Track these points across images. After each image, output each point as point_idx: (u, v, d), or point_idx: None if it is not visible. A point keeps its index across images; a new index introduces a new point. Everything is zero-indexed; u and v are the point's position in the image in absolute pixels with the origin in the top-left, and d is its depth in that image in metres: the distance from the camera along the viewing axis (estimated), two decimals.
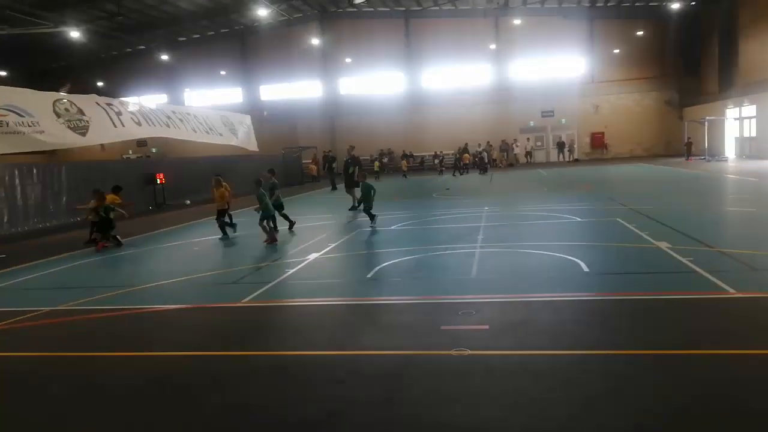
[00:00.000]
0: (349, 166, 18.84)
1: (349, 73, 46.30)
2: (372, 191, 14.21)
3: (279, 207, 14.09)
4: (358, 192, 18.08)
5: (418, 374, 4.96)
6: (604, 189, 20.09)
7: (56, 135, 12.88)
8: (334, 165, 30.44)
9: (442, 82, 45.19)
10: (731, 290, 6.66)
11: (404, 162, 38.42)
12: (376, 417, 4.21)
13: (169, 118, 18.23)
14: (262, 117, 43.49)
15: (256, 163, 31.80)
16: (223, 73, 47.92)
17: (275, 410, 4.47)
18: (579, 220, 13.13)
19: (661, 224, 11.53)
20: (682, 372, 4.65)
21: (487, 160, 36.52)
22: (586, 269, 8.24)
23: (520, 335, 5.71)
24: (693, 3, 39.80)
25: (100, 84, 46.91)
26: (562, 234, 11.58)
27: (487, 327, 6.00)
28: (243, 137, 22.52)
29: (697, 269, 7.68)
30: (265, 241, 12.52)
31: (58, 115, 13.08)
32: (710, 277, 7.26)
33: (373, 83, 46.17)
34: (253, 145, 22.45)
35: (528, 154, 43.42)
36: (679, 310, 6.26)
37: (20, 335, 7.04)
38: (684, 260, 8.25)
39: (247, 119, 26.73)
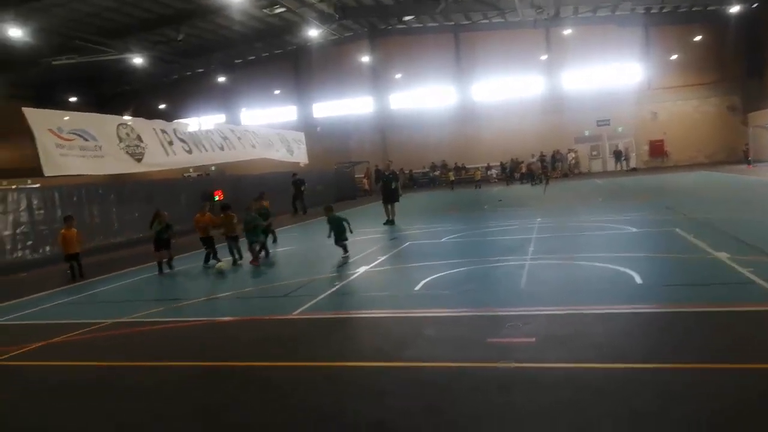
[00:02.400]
0: (391, 181, 18.85)
1: (400, 88, 46.67)
2: (345, 223, 12.31)
3: (265, 232, 13.94)
4: (397, 206, 18.39)
5: (462, 386, 4.99)
6: (661, 198, 19.47)
7: (115, 159, 13.66)
8: (303, 188, 26.89)
9: (493, 93, 44.91)
10: None
11: (450, 173, 38.41)
12: (418, 427, 4.27)
13: (225, 138, 18.91)
14: (315, 133, 44.38)
15: (313, 177, 32.60)
16: (277, 92, 49.19)
17: (321, 419, 4.59)
18: (634, 230, 12.79)
19: (721, 233, 11.12)
20: (732, 387, 4.50)
21: (543, 171, 35.94)
22: (639, 281, 8.05)
23: (568, 348, 5.65)
24: (754, 5, 38.25)
25: (161, 106, 49.02)
26: (615, 245, 11.33)
27: (533, 340, 5.96)
28: (297, 153, 23.25)
29: (757, 280, 7.38)
30: (251, 262, 12.67)
31: (120, 139, 13.86)
32: None
33: (423, 97, 46.36)
34: (304, 160, 23.23)
35: (574, 164, 42.33)
36: (735, 323, 6.04)
37: (89, 345, 7.46)
38: (744, 271, 7.93)
39: (301, 136, 27.46)
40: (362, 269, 10.85)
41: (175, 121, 22.22)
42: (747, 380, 4.61)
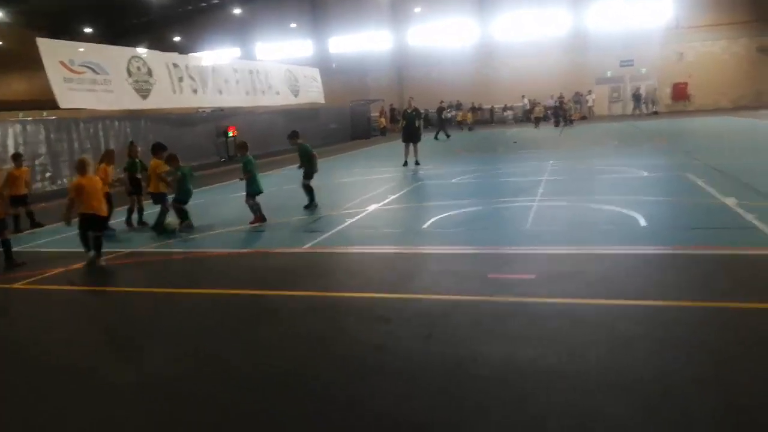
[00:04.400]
0: (414, 119, 18.18)
1: (419, 23, 45.55)
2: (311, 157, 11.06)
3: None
4: (419, 147, 17.88)
5: (460, 316, 5.25)
6: (679, 143, 19.25)
7: (122, 94, 13.78)
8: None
9: (515, 30, 43.62)
10: None
11: (468, 114, 37.90)
12: (416, 351, 4.55)
13: (226, 81, 18.84)
14: (331, 69, 43.82)
15: (329, 115, 32.40)
16: (293, 25, 48.29)
17: (327, 342, 4.90)
18: (645, 174, 12.77)
19: (731, 179, 11.09)
20: (723, 324, 4.70)
21: (563, 113, 35.31)
22: (643, 224, 8.16)
23: (566, 285, 5.86)
24: None
25: (177, 39, 48.49)
26: (624, 188, 11.38)
27: (534, 276, 6.17)
28: (307, 92, 23.06)
29: (760, 225, 7.46)
30: (251, 222, 10.05)
31: (130, 74, 13.92)
32: None
33: (442, 33, 45.26)
34: (320, 98, 22.95)
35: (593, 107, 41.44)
36: (733, 265, 6.19)
37: (106, 272, 7.86)
38: (748, 216, 7.99)
39: (316, 73, 27.20)
40: (372, 207, 11.06)
41: (190, 54, 22.14)
42: (741, 318, 4.79)
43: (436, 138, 29.00)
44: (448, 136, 29.96)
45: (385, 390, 3.97)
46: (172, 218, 9.92)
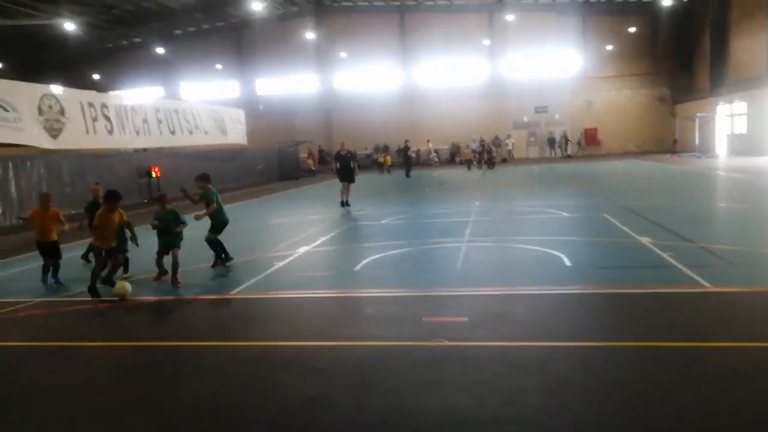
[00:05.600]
0: (349, 161, 18.21)
1: (345, 68, 46.34)
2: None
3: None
4: (352, 188, 17.92)
5: (396, 363, 5.12)
6: (593, 185, 20.30)
7: (31, 133, 13.05)
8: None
9: (437, 77, 45.31)
10: (707, 284, 6.84)
11: (385, 156, 38.47)
12: (350, 403, 4.37)
13: (145, 121, 18.25)
14: (258, 111, 43.59)
15: (258, 156, 31.91)
16: (219, 66, 47.87)
17: (256, 396, 4.62)
18: (566, 215, 13.30)
19: (645, 220, 11.72)
20: (649, 362, 4.83)
21: (488, 156, 36.40)
22: (568, 263, 8.41)
23: (498, 327, 5.88)
24: (686, 0, 39.95)
25: (96, 77, 46.85)
26: (547, 229, 11.77)
27: (466, 319, 6.16)
28: (233, 133, 22.70)
29: (676, 264, 7.85)
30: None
31: (41, 112, 13.21)
32: (688, 271, 7.44)
33: (368, 78, 46.25)
34: (242, 140, 22.62)
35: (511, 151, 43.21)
36: (654, 304, 6.43)
37: (7, 323, 7.18)
38: (664, 255, 8.42)
39: (240, 114, 26.89)
40: (302, 249, 10.84)
41: (108, 93, 21.34)
42: (659, 355, 4.94)
43: (407, 175, 31.04)
44: (407, 175, 31.20)
45: None
46: (127, 283, 8.02)
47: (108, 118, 16.32)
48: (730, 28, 36.84)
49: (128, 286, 7.91)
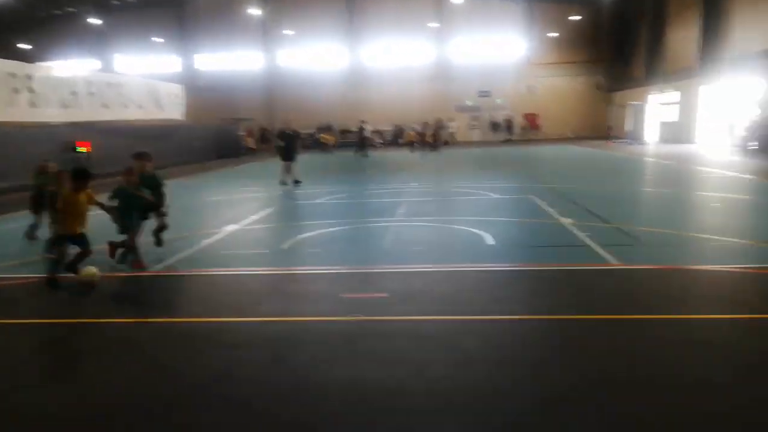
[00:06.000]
0: (293, 140, 17.80)
1: (291, 45, 45.61)
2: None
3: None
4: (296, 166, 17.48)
5: (310, 338, 5.19)
6: (527, 168, 20.84)
7: None
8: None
9: (384, 58, 45.24)
10: (615, 262, 7.19)
11: (327, 136, 38.30)
12: (263, 378, 4.41)
13: (74, 94, 17.51)
14: (197, 87, 42.41)
15: (196, 133, 31.04)
16: (158, 40, 46.21)
17: (171, 371, 4.60)
18: (496, 197, 13.64)
19: (570, 202, 12.15)
20: (553, 334, 5.07)
21: (426, 138, 36.69)
22: (490, 242, 8.65)
23: (416, 302, 6.01)
24: None
25: (26, 46, 44.40)
26: (476, 209, 12.04)
27: (386, 295, 6.27)
28: (170, 108, 22.08)
29: (591, 244, 8.20)
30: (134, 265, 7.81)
31: None
32: (600, 250, 7.79)
33: (314, 56, 45.72)
34: (179, 115, 22.01)
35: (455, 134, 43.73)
36: (564, 280, 6.73)
37: None
38: (582, 235, 8.77)
39: (179, 89, 26.14)
40: (232, 227, 10.72)
41: (34, 64, 20.35)
42: (569, 328, 5.19)
43: (358, 155, 30.73)
44: (365, 155, 30.79)
45: (229, 421, 3.80)
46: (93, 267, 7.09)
47: (32, 90, 15.55)
48: (665, 21, 38.24)
49: (95, 269, 7.00)
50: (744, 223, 10.01)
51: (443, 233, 9.69)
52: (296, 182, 16.84)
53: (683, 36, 35.11)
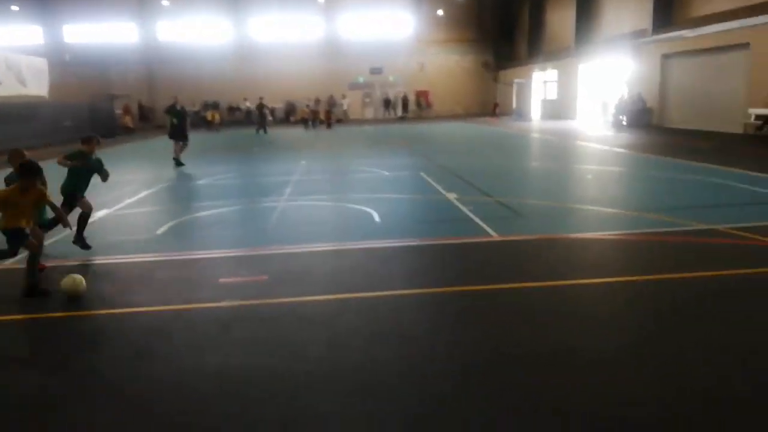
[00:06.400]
0: (182, 117, 16.69)
1: (170, 17, 43.02)
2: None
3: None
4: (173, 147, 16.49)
5: (181, 327, 4.85)
6: (418, 145, 21.09)
7: None
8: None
9: (272, 33, 43.88)
10: (495, 234, 7.36)
11: (212, 113, 36.90)
12: (126, 374, 4.04)
13: None
14: (65, 61, 39.09)
15: (65, 111, 28.54)
16: (15, 8, 41.86)
17: (32, 366, 4.11)
18: (386, 173, 13.64)
19: (457, 177, 12.38)
20: (433, 307, 5.06)
21: (317, 115, 36.23)
22: (377, 219, 8.59)
23: (297, 283, 5.81)
24: None
25: None
26: (365, 187, 11.97)
27: (266, 277, 6.01)
28: (33, 84, 20.11)
29: (473, 217, 8.37)
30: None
31: None
32: (482, 223, 7.95)
33: (197, 30, 43.45)
34: (44, 92, 20.12)
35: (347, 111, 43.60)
36: (446, 253, 6.81)
37: None
38: (465, 209, 8.94)
39: (43, 63, 23.87)
40: (103, 212, 9.90)
41: None
42: (451, 300, 5.20)
43: (257, 132, 30.20)
44: (265, 131, 30.39)
45: (93, 421, 3.43)
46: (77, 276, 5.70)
47: None
48: (545, 3, 39.95)
49: (79, 278, 5.64)
50: (615, 193, 10.67)
51: (331, 212, 9.52)
52: (179, 163, 15.97)
53: (561, 17, 36.90)
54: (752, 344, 4.12)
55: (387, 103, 44.03)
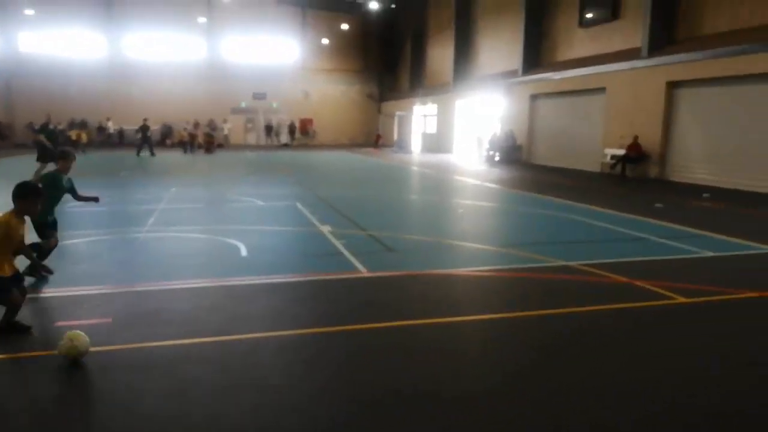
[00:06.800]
0: (54, 137, 15.47)
1: (34, 28, 39.82)
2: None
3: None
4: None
5: (5, 382, 4.21)
6: (298, 174, 20.82)
7: None
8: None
9: (150, 51, 41.97)
10: (364, 270, 7.24)
11: (78, 133, 34.47)
12: None
13: None
14: None
15: None
16: None
17: None
18: (261, 203, 13.23)
19: (333, 209, 12.24)
20: (293, 351, 4.78)
21: (205, 140, 34.86)
22: (244, 253, 8.19)
23: (142, 327, 5.29)
24: (392, 6, 43.89)
25: None
26: (236, 217, 11.50)
27: (110, 320, 5.44)
28: None
29: (344, 251, 8.22)
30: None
31: None
32: (352, 258, 7.82)
33: (65, 43, 40.56)
34: None
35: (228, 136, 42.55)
36: (312, 291, 6.56)
37: None
38: (337, 243, 8.77)
39: None
40: None
41: None
42: (310, 344, 4.93)
43: (138, 155, 28.53)
44: (152, 154, 29.04)
45: None
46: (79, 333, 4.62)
47: None
48: (426, 39, 41.62)
49: (81, 337, 4.55)
50: (484, 228, 11.03)
51: (195, 245, 8.96)
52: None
53: (441, 54, 38.58)
54: (610, 380, 4.25)
55: (269, 130, 43.46)
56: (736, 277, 7.27)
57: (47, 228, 6.89)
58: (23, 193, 5.25)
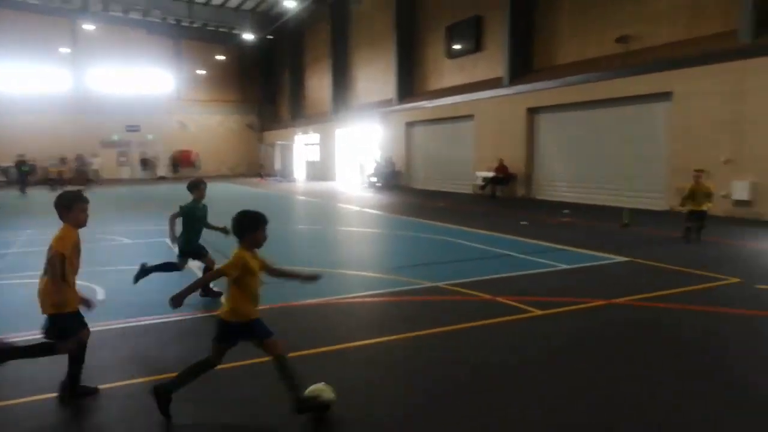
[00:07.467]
0: None
1: None
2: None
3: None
4: None
5: None
6: (172, 209, 19.92)
7: None
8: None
9: (10, 84, 38.78)
10: None
11: None
12: None
13: None
14: None
15: None
16: None
17: None
18: (126, 241, 12.51)
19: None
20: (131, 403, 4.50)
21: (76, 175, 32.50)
22: (101, 297, 7.66)
23: None
24: (270, 37, 43.80)
25: None
26: (97, 257, 10.74)
27: None
28: None
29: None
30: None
31: None
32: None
33: None
34: None
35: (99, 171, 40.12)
36: (180, 332, 6.26)
37: None
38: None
39: None
40: None
41: None
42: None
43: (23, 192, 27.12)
44: (23, 192, 27.59)
45: None
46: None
47: None
48: (304, 69, 41.91)
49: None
50: (362, 254, 11.13)
51: (28, 293, 8.23)
52: None
53: (319, 84, 38.98)
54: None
55: (145, 163, 41.50)
56: (585, 287, 7.85)
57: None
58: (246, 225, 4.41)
